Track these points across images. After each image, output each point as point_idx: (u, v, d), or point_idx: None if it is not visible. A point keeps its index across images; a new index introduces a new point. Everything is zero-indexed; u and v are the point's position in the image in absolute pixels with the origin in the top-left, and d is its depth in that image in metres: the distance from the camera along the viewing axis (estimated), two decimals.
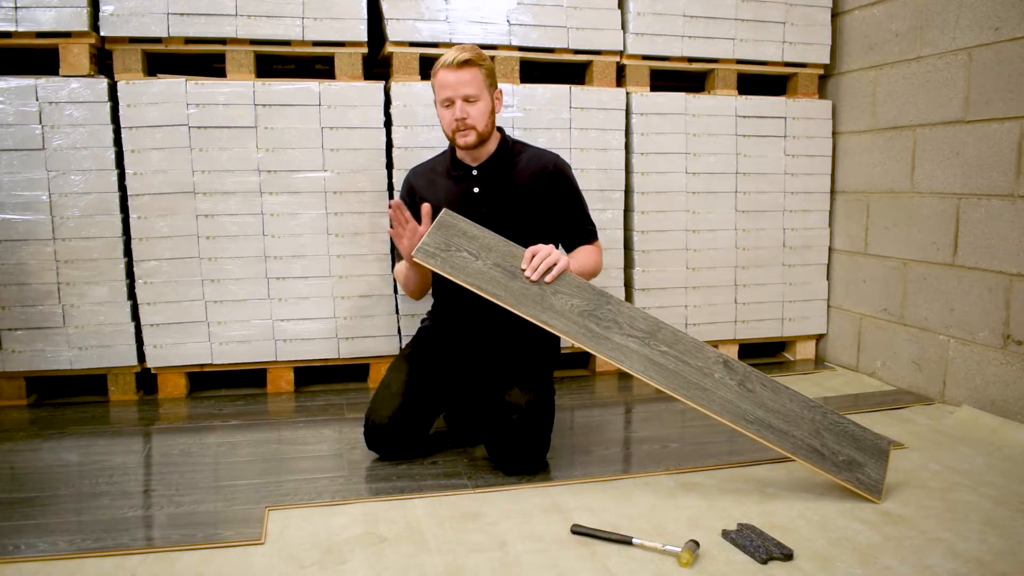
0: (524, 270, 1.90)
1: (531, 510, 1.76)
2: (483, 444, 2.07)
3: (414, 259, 1.93)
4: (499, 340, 2.15)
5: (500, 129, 2.18)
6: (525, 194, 2.14)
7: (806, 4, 3.03)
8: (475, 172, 2.14)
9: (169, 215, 2.55)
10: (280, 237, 2.63)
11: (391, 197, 2.68)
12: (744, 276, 3.09)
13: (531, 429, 1.96)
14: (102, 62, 2.59)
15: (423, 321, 2.34)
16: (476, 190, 2.14)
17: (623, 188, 2.92)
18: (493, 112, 2.10)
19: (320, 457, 2.11)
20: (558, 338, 2.30)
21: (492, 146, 2.14)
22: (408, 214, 1.98)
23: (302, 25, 2.60)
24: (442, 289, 2.24)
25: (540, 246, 1.93)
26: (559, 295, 1.88)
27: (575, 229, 2.21)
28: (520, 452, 1.96)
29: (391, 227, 1.99)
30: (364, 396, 2.69)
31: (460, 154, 2.16)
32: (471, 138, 2.05)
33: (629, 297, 3.00)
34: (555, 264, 1.90)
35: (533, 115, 2.78)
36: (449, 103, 2.04)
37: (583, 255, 2.16)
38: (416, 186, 2.22)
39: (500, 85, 2.74)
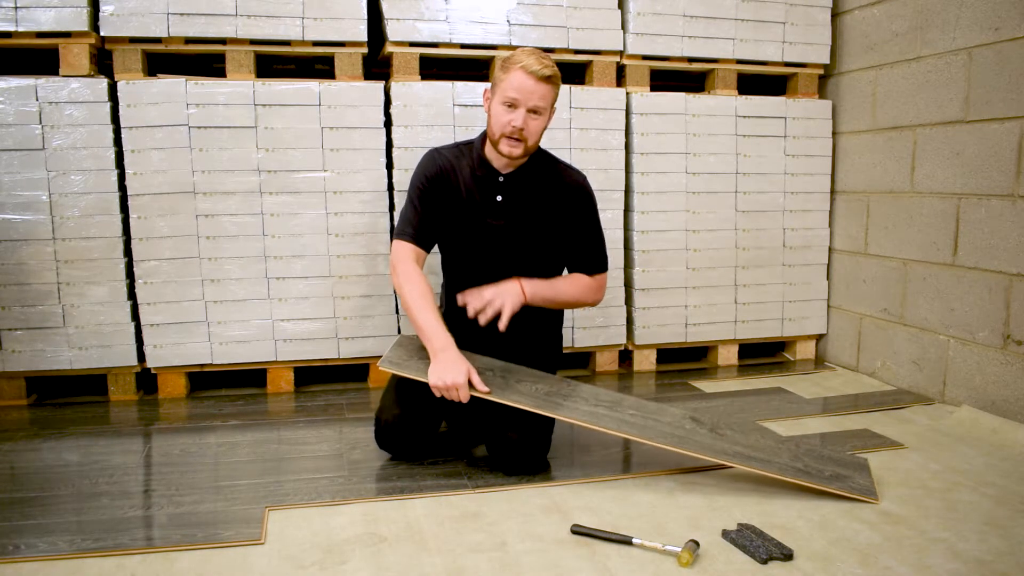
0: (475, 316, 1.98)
1: (531, 510, 1.76)
2: (484, 444, 2.07)
3: (379, 367, 1.97)
4: (504, 339, 2.14)
5: None
6: (546, 212, 2.09)
7: (806, 4, 3.03)
8: (501, 179, 2.07)
9: (169, 215, 2.55)
10: (280, 237, 2.63)
11: (391, 197, 2.68)
12: (744, 276, 3.09)
13: (532, 429, 1.96)
14: (102, 62, 2.59)
15: None
16: (499, 198, 2.08)
17: (623, 188, 2.92)
18: (544, 130, 2.04)
19: (320, 457, 2.11)
20: (560, 339, 2.31)
21: (525, 156, 2.06)
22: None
23: (302, 25, 2.60)
24: (453, 285, 2.21)
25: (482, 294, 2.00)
26: (523, 383, 1.97)
27: (585, 257, 2.17)
28: (521, 452, 1.96)
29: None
30: (364, 396, 2.69)
31: (490, 154, 2.07)
32: (518, 151, 1.98)
33: (629, 297, 3.00)
34: (502, 306, 1.99)
35: None
36: (513, 106, 1.94)
37: (567, 282, 2.15)
38: (445, 170, 2.09)
39: None
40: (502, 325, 1.95)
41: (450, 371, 1.84)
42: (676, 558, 1.52)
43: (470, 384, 1.85)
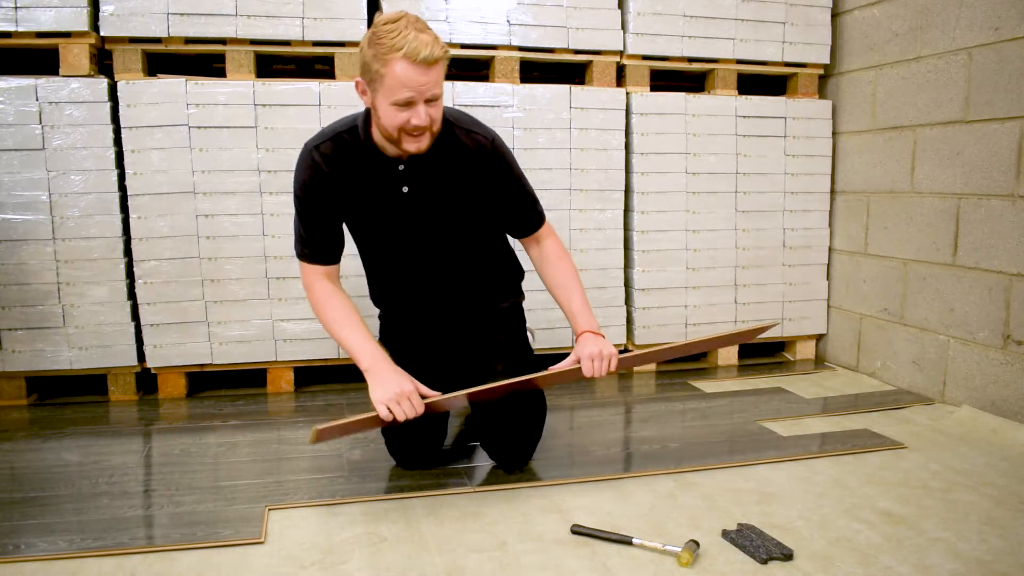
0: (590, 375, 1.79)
1: (531, 510, 1.76)
2: (479, 439, 2.07)
3: (312, 443, 1.81)
4: (460, 336, 2.04)
5: None
6: (460, 185, 1.82)
7: (806, 4, 3.03)
8: (402, 167, 1.78)
9: (169, 215, 2.55)
10: (280, 237, 2.63)
11: None
12: (744, 276, 3.09)
13: (521, 421, 1.97)
14: (102, 62, 2.59)
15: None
16: (405, 189, 1.80)
17: (623, 188, 2.92)
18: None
19: (320, 457, 2.11)
20: (523, 324, 2.16)
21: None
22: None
23: (302, 25, 2.60)
24: (378, 283, 2.02)
25: (591, 352, 1.77)
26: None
27: (521, 217, 1.93)
28: (516, 443, 1.97)
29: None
30: (364, 396, 2.67)
31: (381, 142, 1.75)
32: (425, 143, 1.68)
33: (629, 297, 3.00)
34: (611, 358, 1.79)
35: (533, 115, 2.78)
36: (410, 105, 1.61)
37: (562, 272, 1.92)
38: (331, 172, 1.77)
39: (501, 85, 2.77)
40: (613, 368, 1.81)
41: (393, 383, 1.68)
42: (676, 558, 1.52)
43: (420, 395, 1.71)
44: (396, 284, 2.00)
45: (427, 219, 1.85)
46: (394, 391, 1.67)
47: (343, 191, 1.80)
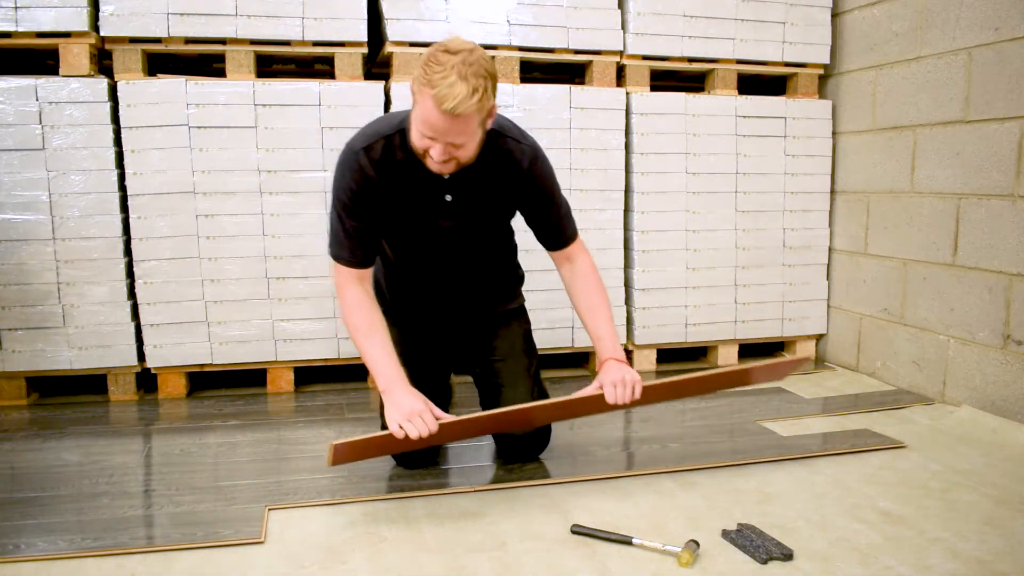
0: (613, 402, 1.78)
1: (531, 510, 1.76)
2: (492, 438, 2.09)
3: (329, 465, 1.76)
4: (470, 322, 2.07)
5: None
6: (501, 198, 1.87)
7: (806, 4, 3.03)
8: (447, 177, 1.78)
9: (169, 215, 2.55)
10: (280, 237, 2.63)
11: None
12: (744, 276, 3.09)
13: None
14: (102, 62, 2.59)
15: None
16: (448, 198, 1.81)
17: (623, 188, 2.92)
18: (482, 137, 1.70)
19: (320, 457, 2.10)
20: (523, 308, 2.18)
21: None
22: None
23: (302, 25, 2.60)
24: (396, 275, 2.02)
25: (613, 379, 1.77)
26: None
27: (557, 229, 1.94)
28: (530, 446, 2.03)
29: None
30: (364, 396, 2.69)
31: None
32: (447, 169, 1.69)
33: (629, 297, 3.00)
34: (634, 385, 1.78)
35: (533, 115, 2.78)
36: (430, 141, 1.62)
37: (594, 297, 1.92)
38: (379, 177, 1.76)
39: (501, 85, 2.75)
40: (638, 395, 1.79)
41: (407, 403, 1.69)
42: (676, 558, 1.52)
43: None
44: (414, 285, 2.03)
45: (464, 226, 1.88)
46: (406, 410, 1.68)
47: (388, 196, 1.79)
